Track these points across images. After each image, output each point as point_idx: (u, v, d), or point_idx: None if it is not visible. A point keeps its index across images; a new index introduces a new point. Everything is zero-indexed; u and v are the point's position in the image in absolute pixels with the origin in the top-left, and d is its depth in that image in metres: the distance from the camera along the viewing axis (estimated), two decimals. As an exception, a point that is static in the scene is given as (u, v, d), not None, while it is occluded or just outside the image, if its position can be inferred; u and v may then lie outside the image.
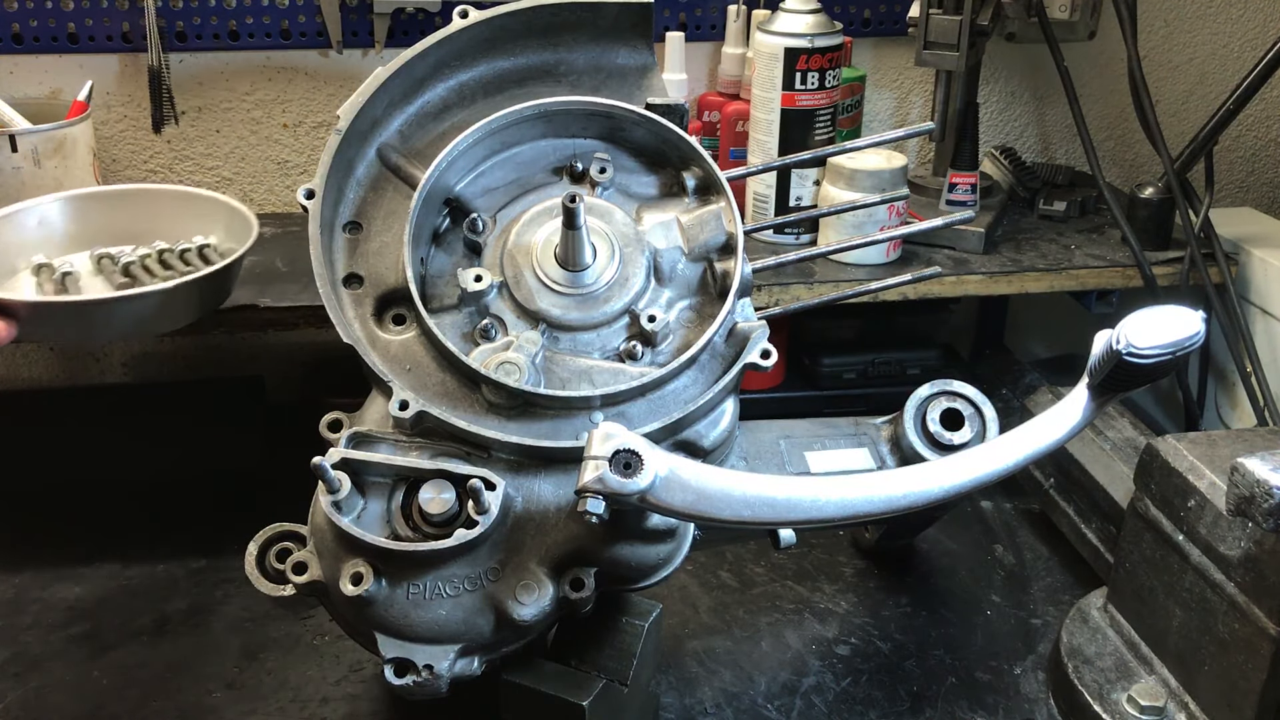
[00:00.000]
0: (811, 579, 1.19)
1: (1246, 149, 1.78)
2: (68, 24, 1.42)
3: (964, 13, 1.32)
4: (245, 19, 1.44)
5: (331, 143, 0.93)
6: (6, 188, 1.30)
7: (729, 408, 0.93)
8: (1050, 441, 0.87)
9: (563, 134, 0.99)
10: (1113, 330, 0.83)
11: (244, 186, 1.56)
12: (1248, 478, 0.81)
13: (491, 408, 0.88)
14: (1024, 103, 1.69)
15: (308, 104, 1.52)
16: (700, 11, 1.52)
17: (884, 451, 1.01)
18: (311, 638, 1.09)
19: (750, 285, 0.96)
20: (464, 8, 0.99)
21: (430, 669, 0.82)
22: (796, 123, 1.34)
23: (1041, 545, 1.26)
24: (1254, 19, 1.70)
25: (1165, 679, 0.96)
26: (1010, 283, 1.36)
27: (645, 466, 0.77)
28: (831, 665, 1.07)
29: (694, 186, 0.98)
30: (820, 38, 1.32)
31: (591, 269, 0.93)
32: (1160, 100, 1.62)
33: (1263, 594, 0.85)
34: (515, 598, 0.84)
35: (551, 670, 0.89)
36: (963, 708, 1.02)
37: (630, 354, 0.92)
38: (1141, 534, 0.99)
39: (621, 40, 1.03)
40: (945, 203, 1.41)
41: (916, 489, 0.83)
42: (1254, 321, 1.41)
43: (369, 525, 0.84)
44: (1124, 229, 1.40)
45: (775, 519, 0.82)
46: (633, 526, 0.86)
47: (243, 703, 1.02)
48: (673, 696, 1.03)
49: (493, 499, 0.83)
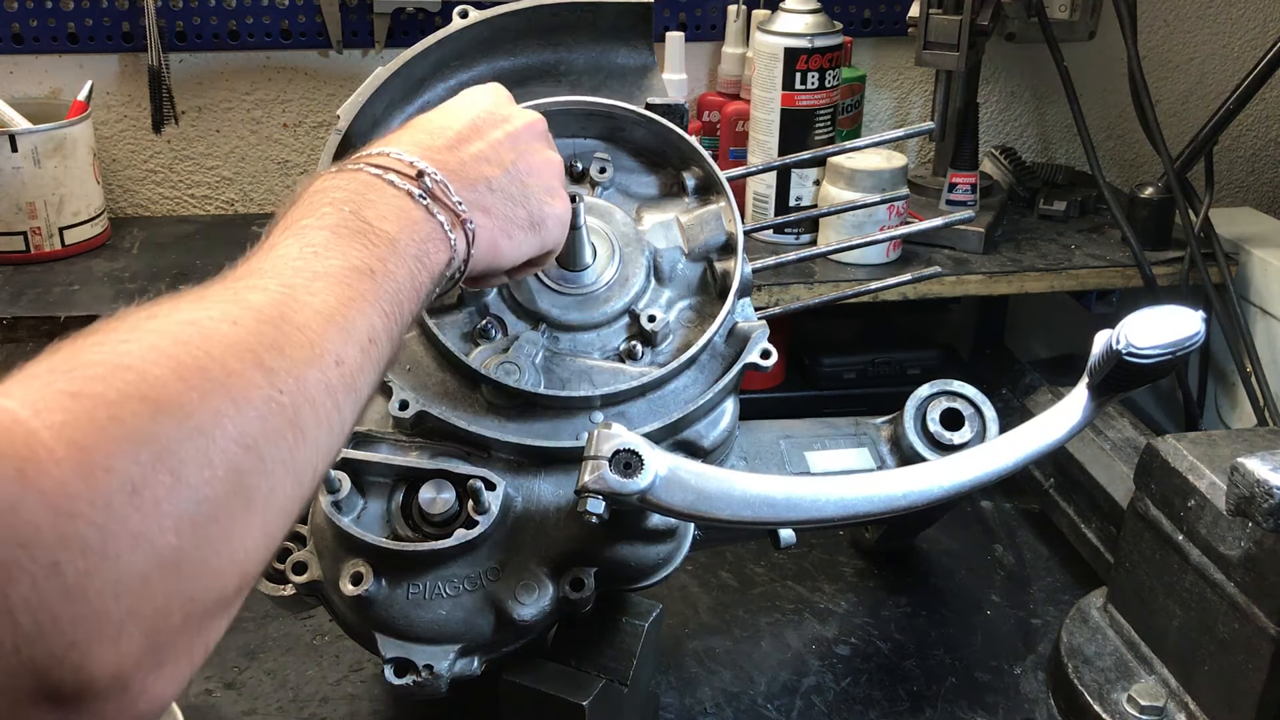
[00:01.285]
0: (811, 579, 1.19)
1: (1246, 149, 1.78)
2: (68, 24, 1.42)
3: (964, 13, 1.32)
4: (245, 19, 1.44)
5: (331, 143, 0.93)
6: (6, 188, 1.31)
7: (729, 408, 0.93)
8: (1050, 441, 0.87)
9: (563, 134, 0.99)
10: (1113, 330, 0.83)
11: (244, 186, 1.56)
12: (1248, 478, 0.81)
13: (491, 408, 0.88)
14: (1024, 103, 1.70)
15: (308, 104, 1.52)
16: (700, 11, 1.52)
17: (884, 451, 1.01)
18: (311, 638, 1.09)
19: (750, 285, 0.96)
20: (464, 8, 0.99)
21: (430, 669, 0.82)
22: (796, 123, 1.34)
23: (1041, 545, 1.26)
24: (1254, 19, 1.70)
25: (1165, 679, 0.96)
26: (1010, 283, 1.36)
27: (645, 466, 0.77)
28: (831, 665, 1.07)
29: (694, 186, 0.98)
30: (820, 38, 1.32)
31: (591, 269, 0.93)
32: (1160, 100, 1.62)
33: (1263, 594, 0.85)
34: (515, 598, 0.84)
35: (551, 670, 0.88)
36: (963, 708, 1.02)
37: (630, 354, 0.92)
38: (1141, 534, 0.99)
39: (621, 40, 1.03)
40: (945, 203, 1.41)
41: (916, 489, 0.83)
42: (1254, 321, 1.41)
43: (369, 525, 0.84)
44: (1124, 229, 1.40)
45: (775, 519, 0.82)
46: (633, 526, 0.86)
47: (243, 703, 1.02)
48: (673, 696, 1.03)
49: (493, 499, 0.83)
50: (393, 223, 0.64)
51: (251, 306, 0.53)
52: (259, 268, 0.57)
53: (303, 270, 0.57)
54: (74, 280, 1.32)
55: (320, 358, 0.53)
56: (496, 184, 0.73)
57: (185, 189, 1.55)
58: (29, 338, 1.23)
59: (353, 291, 0.58)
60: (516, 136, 0.77)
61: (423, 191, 0.67)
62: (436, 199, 0.68)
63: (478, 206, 0.71)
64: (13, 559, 0.37)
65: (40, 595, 0.38)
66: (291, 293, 0.55)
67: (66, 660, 0.39)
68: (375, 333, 0.59)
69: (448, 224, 0.68)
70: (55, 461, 0.40)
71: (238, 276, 0.57)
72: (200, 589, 0.45)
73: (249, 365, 0.49)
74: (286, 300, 0.54)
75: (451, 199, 0.69)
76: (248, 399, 0.48)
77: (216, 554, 0.45)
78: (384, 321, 0.60)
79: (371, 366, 0.58)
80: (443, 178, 0.69)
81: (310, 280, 0.57)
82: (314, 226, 0.61)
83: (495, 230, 0.73)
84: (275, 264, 0.58)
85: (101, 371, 0.44)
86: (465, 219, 0.70)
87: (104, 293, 1.28)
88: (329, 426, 0.53)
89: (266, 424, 0.48)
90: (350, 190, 0.65)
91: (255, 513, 0.47)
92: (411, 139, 0.72)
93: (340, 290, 0.58)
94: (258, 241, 0.61)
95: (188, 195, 1.55)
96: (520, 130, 0.78)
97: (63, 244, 1.36)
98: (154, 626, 0.42)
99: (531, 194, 0.76)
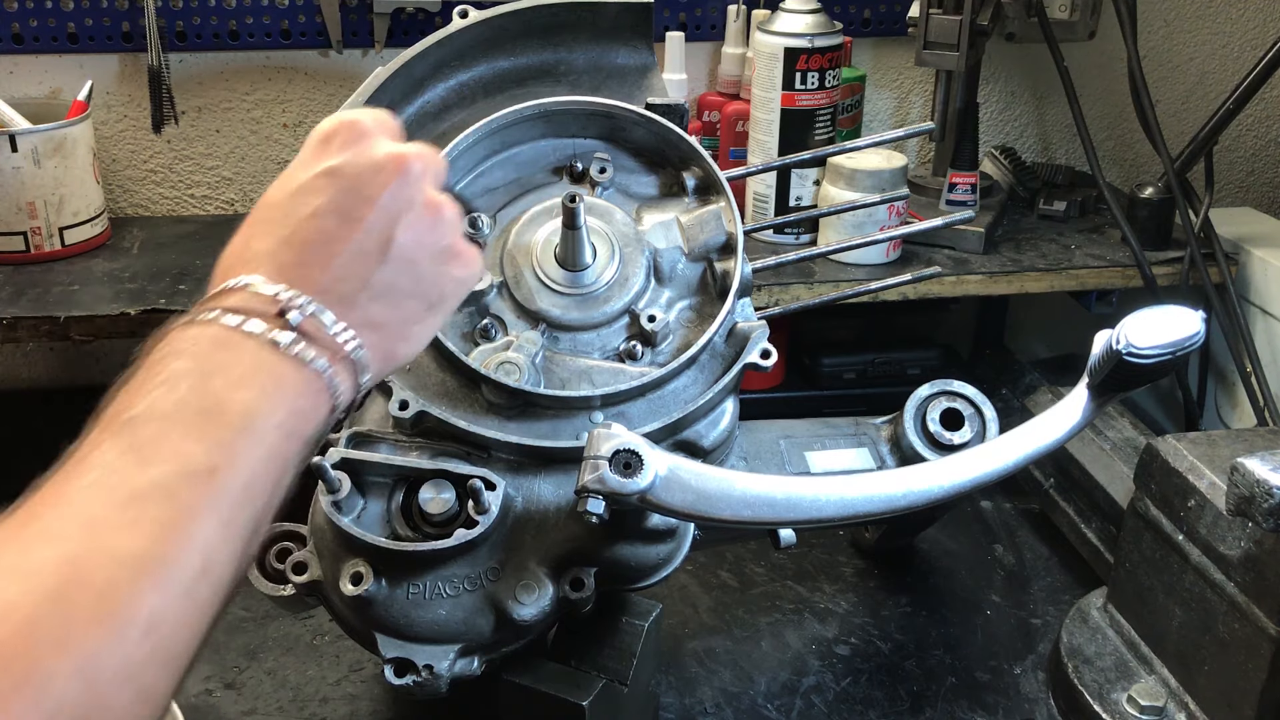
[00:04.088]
0: (811, 579, 1.19)
1: (1246, 149, 1.78)
2: (68, 24, 1.42)
3: (964, 13, 1.32)
4: (245, 19, 1.44)
5: (331, 143, 0.93)
6: (6, 188, 1.31)
7: (729, 408, 0.93)
8: (1050, 441, 0.87)
9: (563, 134, 0.99)
10: (1113, 330, 0.83)
11: (244, 186, 1.56)
12: (1248, 478, 0.81)
13: (491, 408, 0.88)
14: (1024, 103, 1.69)
15: (308, 104, 1.52)
16: (700, 11, 1.52)
17: (884, 451, 1.01)
18: (311, 638, 1.09)
19: (750, 285, 0.96)
20: (464, 8, 0.99)
21: (430, 669, 0.82)
22: (796, 123, 1.34)
23: (1041, 545, 1.26)
24: (1254, 19, 1.70)
25: (1165, 679, 0.96)
26: (1010, 283, 1.36)
27: (645, 466, 0.77)
28: (831, 665, 1.07)
29: (694, 186, 0.98)
30: (820, 38, 1.32)
31: (591, 269, 0.93)
32: (1160, 100, 1.62)
33: (1263, 594, 0.85)
34: (515, 598, 0.84)
35: (551, 670, 0.88)
36: (963, 708, 1.02)
37: (630, 354, 0.92)
38: (1141, 534, 0.99)
39: (621, 40, 1.03)
40: (945, 203, 1.41)
41: (916, 489, 0.83)
42: (1254, 321, 1.41)
43: (369, 525, 0.84)
44: (1124, 229, 1.40)
45: (775, 519, 0.83)
46: (633, 526, 0.86)
47: (243, 703, 1.02)
48: (673, 696, 1.03)
49: (493, 499, 0.83)
50: (250, 389, 0.54)
51: (38, 574, 0.45)
52: (62, 493, 0.49)
53: (117, 490, 0.48)
54: (74, 280, 1.31)
55: (123, 630, 0.45)
56: (379, 282, 0.60)
57: (185, 189, 1.55)
58: (29, 338, 1.23)
59: (177, 509, 0.49)
60: (394, 201, 0.61)
61: (293, 335, 0.56)
62: (310, 338, 0.57)
63: (363, 325, 0.60)
64: None
65: None
66: (92, 536, 0.46)
67: None
68: (210, 554, 0.50)
69: (325, 367, 0.57)
70: None
71: (41, 501, 0.48)
72: None
73: (28, 664, 0.42)
74: (81, 555, 0.46)
75: (328, 332, 0.58)
76: (36, 702, 0.42)
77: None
78: (223, 533, 0.50)
79: (208, 594, 0.50)
80: (315, 307, 0.57)
81: (122, 509, 0.48)
82: (143, 418, 0.51)
83: (389, 340, 0.62)
84: (85, 482, 0.49)
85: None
86: (349, 350, 0.58)
87: (104, 293, 1.28)
88: (144, 700, 0.46)
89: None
90: (198, 354, 0.54)
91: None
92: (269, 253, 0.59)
93: (162, 512, 0.48)
94: (99, 405, 0.53)
95: (188, 195, 1.55)
96: (392, 189, 0.61)
97: (63, 244, 1.36)
98: None
99: (423, 273, 0.63)
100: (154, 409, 0.51)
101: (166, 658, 0.47)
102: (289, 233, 0.60)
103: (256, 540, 0.54)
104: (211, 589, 0.50)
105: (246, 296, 0.57)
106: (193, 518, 0.49)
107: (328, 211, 0.60)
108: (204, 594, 0.49)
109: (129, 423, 0.51)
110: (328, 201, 0.60)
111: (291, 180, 0.62)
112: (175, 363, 0.53)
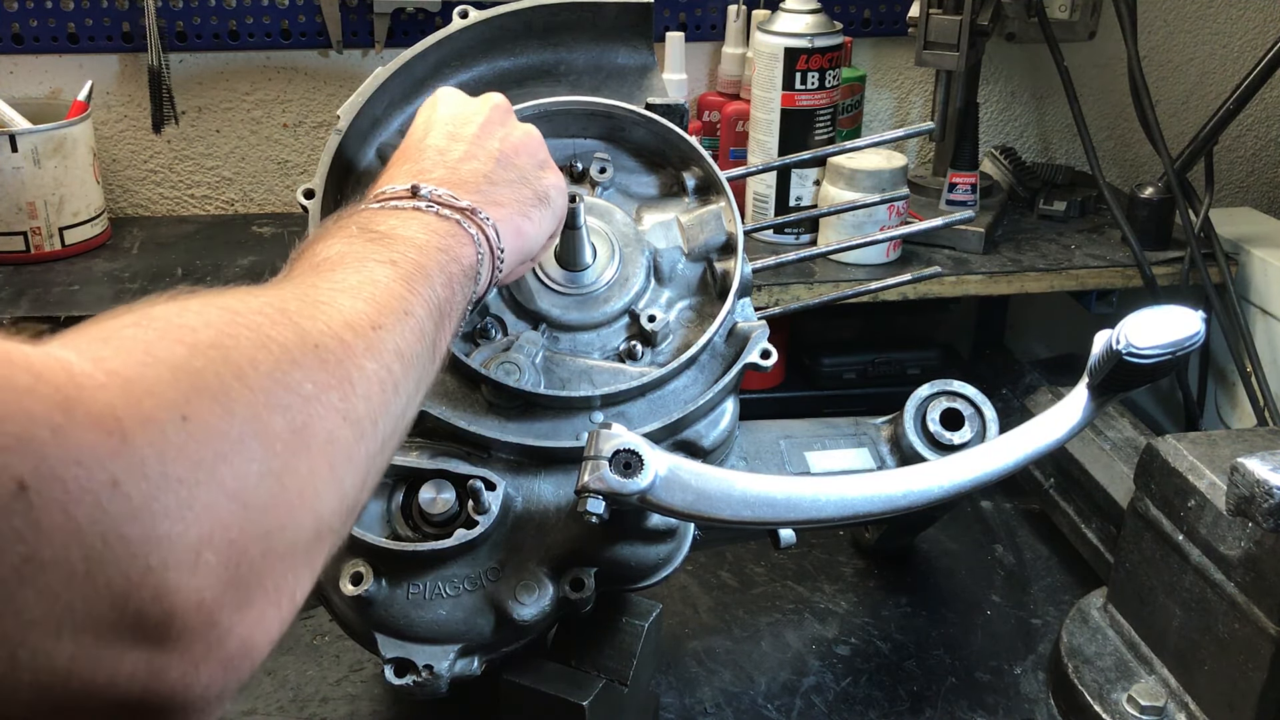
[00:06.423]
0: (811, 579, 1.19)
1: (1246, 149, 1.78)
2: (68, 24, 1.42)
3: (964, 13, 1.32)
4: (245, 19, 1.44)
5: (331, 142, 0.93)
6: (6, 188, 1.31)
7: (729, 408, 0.93)
8: (1050, 441, 0.87)
9: (563, 134, 0.99)
10: (1113, 330, 0.83)
11: (244, 186, 1.56)
12: (1248, 478, 0.81)
13: (491, 408, 0.88)
14: (1024, 103, 1.69)
15: (308, 104, 1.52)
16: (700, 11, 1.52)
17: (884, 451, 1.01)
18: (311, 638, 1.09)
19: (750, 285, 0.96)
20: (464, 8, 0.99)
21: (430, 669, 0.82)
22: (796, 123, 1.34)
23: (1041, 545, 1.26)
24: (1254, 19, 1.70)
25: (1165, 679, 0.96)
26: (1010, 283, 1.36)
27: (645, 466, 0.77)
28: (831, 665, 1.07)
29: (694, 186, 0.98)
30: (820, 38, 1.32)
31: (591, 269, 0.93)
32: (1160, 100, 1.62)
33: (1263, 594, 0.85)
34: (515, 598, 0.84)
35: (551, 670, 0.89)
36: (963, 708, 1.02)
37: (630, 354, 0.92)
38: (1141, 534, 0.99)
39: (621, 40, 1.03)
40: (945, 203, 1.41)
41: (916, 489, 0.83)
42: (1254, 321, 1.41)
43: (369, 525, 0.84)
44: (1124, 229, 1.40)
45: (775, 519, 0.82)
46: (633, 526, 0.86)
47: (243, 703, 1.02)
48: (673, 696, 1.03)
49: (493, 499, 0.83)
50: (407, 227, 0.66)
51: (278, 293, 0.56)
52: (331, 268, 0.61)
53: (362, 271, 0.60)
54: (74, 280, 1.32)
55: (356, 322, 0.55)
56: (493, 176, 0.75)
57: (185, 189, 1.55)
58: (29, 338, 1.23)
59: (399, 295, 0.60)
60: (489, 125, 0.78)
61: (427, 201, 0.69)
62: (445, 206, 0.70)
63: (487, 202, 0.73)
64: (70, 476, 0.38)
65: (106, 515, 0.38)
66: (316, 279, 0.59)
67: (145, 584, 0.39)
68: (422, 320, 0.61)
69: (460, 219, 0.69)
70: (98, 386, 0.40)
71: (325, 268, 0.61)
72: (272, 525, 0.45)
73: (281, 325, 0.50)
74: (309, 289, 0.57)
75: (460, 204, 0.70)
76: (285, 350, 0.49)
77: (283, 488, 0.46)
78: (426, 307, 0.62)
79: (416, 343, 0.60)
80: (443, 191, 0.70)
81: (334, 269, 0.60)
82: (331, 243, 0.63)
83: (514, 216, 0.74)
84: (300, 266, 0.61)
85: (133, 319, 0.46)
86: (480, 216, 0.71)
87: (104, 293, 1.28)
88: (379, 384, 0.55)
89: (308, 372, 0.50)
90: (356, 221, 0.66)
91: (317, 455, 0.48)
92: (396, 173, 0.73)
93: (381, 274, 0.60)
94: None
95: (188, 195, 1.55)
96: (490, 117, 0.79)
97: (63, 244, 1.36)
98: (230, 558, 0.42)
99: (527, 172, 0.78)
100: (336, 239, 0.64)
101: (396, 353, 0.57)
102: (410, 157, 0.75)
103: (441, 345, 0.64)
104: (420, 339, 0.60)
105: (383, 196, 0.70)
106: (412, 298, 0.61)
107: (443, 138, 0.76)
108: (414, 337, 0.60)
109: (316, 252, 0.62)
110: (441, 133, 0.77)
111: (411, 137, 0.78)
112: (342, 224, 0.66)
